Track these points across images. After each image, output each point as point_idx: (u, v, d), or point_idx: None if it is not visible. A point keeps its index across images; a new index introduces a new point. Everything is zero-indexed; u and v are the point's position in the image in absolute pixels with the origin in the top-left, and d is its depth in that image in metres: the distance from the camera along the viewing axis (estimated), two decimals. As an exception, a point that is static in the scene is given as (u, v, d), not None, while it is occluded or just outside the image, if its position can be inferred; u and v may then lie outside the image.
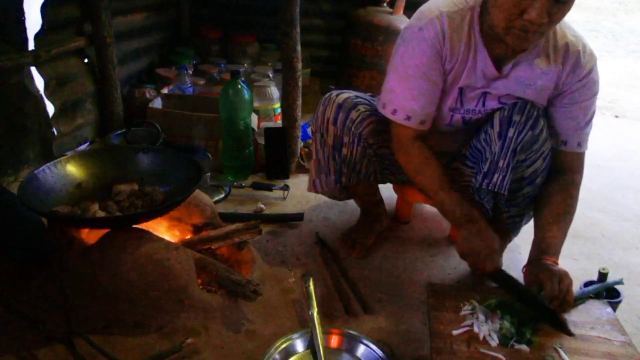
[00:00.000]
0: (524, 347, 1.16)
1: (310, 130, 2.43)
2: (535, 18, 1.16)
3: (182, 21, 3.51)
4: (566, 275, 1.28)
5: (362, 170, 1.65)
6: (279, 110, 2.58)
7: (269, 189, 2.16)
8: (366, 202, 1.84)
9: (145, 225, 1.48)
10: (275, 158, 2.28)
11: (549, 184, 1.47)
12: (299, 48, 2.16)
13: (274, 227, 1.92)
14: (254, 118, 2.38)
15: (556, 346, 1.16)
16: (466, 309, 1.27)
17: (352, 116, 1.56)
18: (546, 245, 1.37)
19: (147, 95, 2.63)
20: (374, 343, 1.31)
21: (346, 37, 3.19)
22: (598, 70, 1.41)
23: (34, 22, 2.15)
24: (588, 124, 1.44)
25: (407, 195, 1.92)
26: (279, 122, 2.53)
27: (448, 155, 1.63)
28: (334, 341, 1.34)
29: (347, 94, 1.61)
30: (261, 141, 2.30)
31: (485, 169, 1.43)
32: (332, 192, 1.76)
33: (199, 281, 1.47)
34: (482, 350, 1.15)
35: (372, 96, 1.66)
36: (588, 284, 1.48)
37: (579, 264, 1.82)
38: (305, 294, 1.45)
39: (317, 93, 3.31)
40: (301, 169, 2.36)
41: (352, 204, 1.91)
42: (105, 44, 2.40)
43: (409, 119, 1.43)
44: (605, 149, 2.94)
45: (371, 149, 1.61)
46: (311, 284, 1.47)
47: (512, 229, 1.62)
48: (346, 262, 1.73)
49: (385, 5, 3.16)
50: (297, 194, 2.17)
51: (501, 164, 1.39)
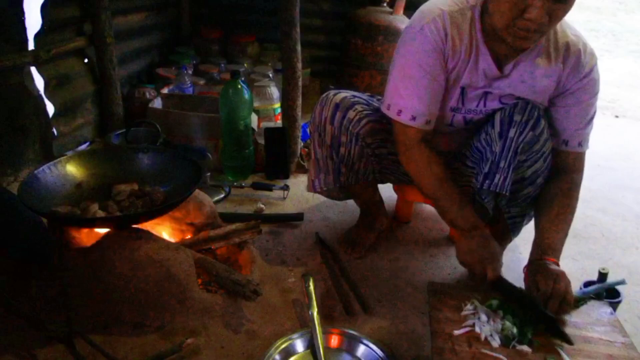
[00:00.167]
0: (525, 348, 1.15)
1: (309, 130, 2.43)
2: (536, 17, 1.16)
3: (182, 21, 3.51)
4: (563, 276, 1.27)
5: (361, 170, 1.65)
6: (279, 110, 2.58)
7: (269, 189, 2.15)
8: (366, 202, 1.83)
9: (145, 225, 1.48)
10: (275, 158, 2.28)
11: (550, 184, 1.47)
12: (299, 48, 2.16)
13: (274, 227, 1.92)
14: (254, 118, 2.38)
15: (557, 347, 1.16)
16: (467, 309, 1.26)
17: (350, 116, 1.56)
18: (547, 245, 1.36)
19: (147, 95, 2.63)
20: (374, 343, 1.31)
21: (346, 37, 3.19)
22: (598, 69, 1.41)
23: (34, 22, 2.14)
24: (589, 123, 1.44)
25: (407, 195, 1.92)
26: (279, 122, 2.53)
27: (448, 155, 1.63)
28: (334, 341, 1.34)
29: (345, 93, 1.61)
30: (261, 141, 2.30)
31: (486, 170, 1.42)
32: (331, 192, 1.75)
33: (199, 281, 1.47)
34: (483, 350, 1.15)
35: (371, 96, 1.65)
36: (588, 284, 1.48)
37: (578, 264, 1.82)
38: (305, 294, 1.45)
39: (317, 93, 3.30)
40: (301, 169, 2.36)
41: (352, 204, 1.90)
42: (105, 44, 2.40)
43: (414, 119, 1.41)
44: (606, 148, 2.94)
45: (369, 148, 1.61)
46: (311, 284, 1.47)
47: (513, 229, 1.61)
48: (346, 262, 1.73)
49: (385, 5, 3.16)
50: (297, 194, 2.17)
51: (502, 164, 1.38)
